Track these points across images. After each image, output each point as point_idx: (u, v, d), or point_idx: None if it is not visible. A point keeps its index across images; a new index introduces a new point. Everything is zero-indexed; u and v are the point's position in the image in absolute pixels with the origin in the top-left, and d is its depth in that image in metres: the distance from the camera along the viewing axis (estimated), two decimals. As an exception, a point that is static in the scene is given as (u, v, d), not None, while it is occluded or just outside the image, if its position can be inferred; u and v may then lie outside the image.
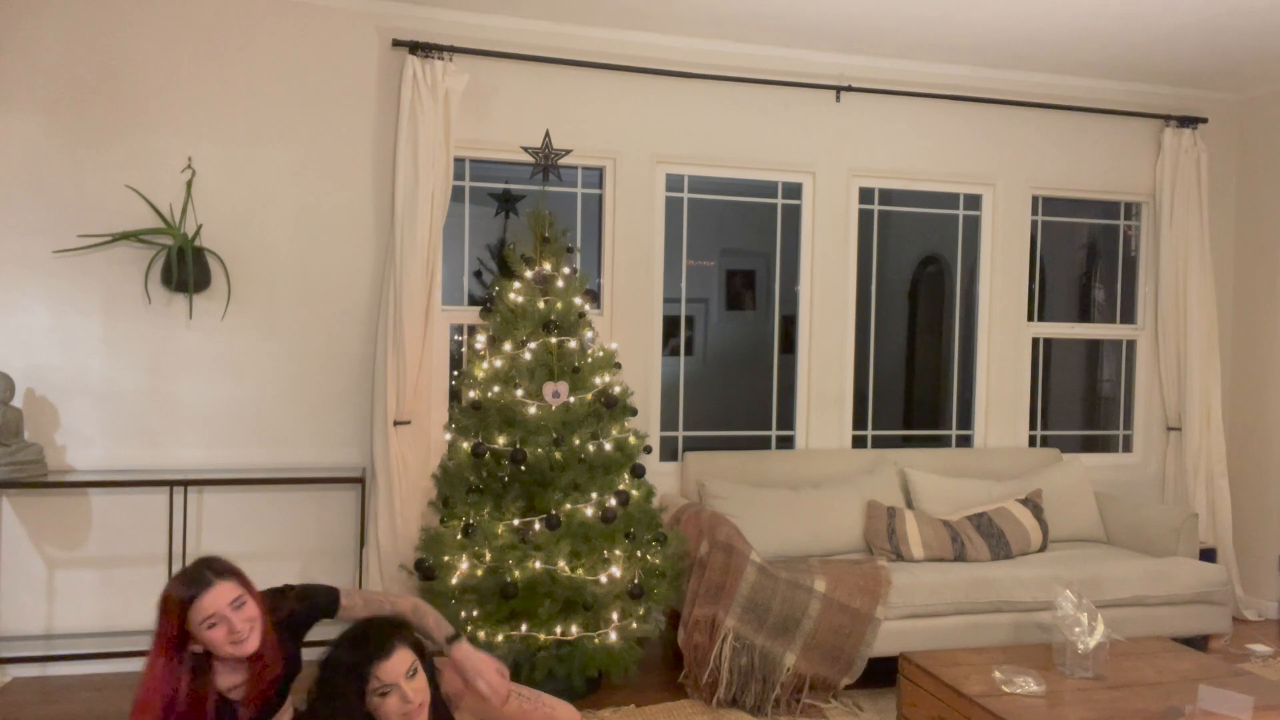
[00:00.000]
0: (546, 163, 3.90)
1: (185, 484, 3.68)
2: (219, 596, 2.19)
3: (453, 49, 4.08)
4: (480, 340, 3.80)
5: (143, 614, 3.92)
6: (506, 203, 4.50)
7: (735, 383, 6.50)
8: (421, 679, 2.17)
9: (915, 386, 6.59)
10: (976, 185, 4.96)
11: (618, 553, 3.47)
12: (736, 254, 6.62)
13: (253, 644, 2.22)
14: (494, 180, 4.49)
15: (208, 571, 2.23)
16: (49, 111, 3.81)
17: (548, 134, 3.95)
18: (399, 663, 2.12)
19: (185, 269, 3.82)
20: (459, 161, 4.33)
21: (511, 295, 3.70)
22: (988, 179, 4.93)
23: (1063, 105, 4.93)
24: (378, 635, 2.14)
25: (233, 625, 2.19)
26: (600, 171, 4.49)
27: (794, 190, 4.77)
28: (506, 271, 3.82)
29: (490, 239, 4.54)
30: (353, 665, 2.10)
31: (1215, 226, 5.23)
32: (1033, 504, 4.38)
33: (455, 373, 4.26)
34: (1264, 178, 5.11)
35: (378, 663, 2.10)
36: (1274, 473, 4.97)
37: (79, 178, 3.84)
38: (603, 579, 3.39)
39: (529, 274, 3.73)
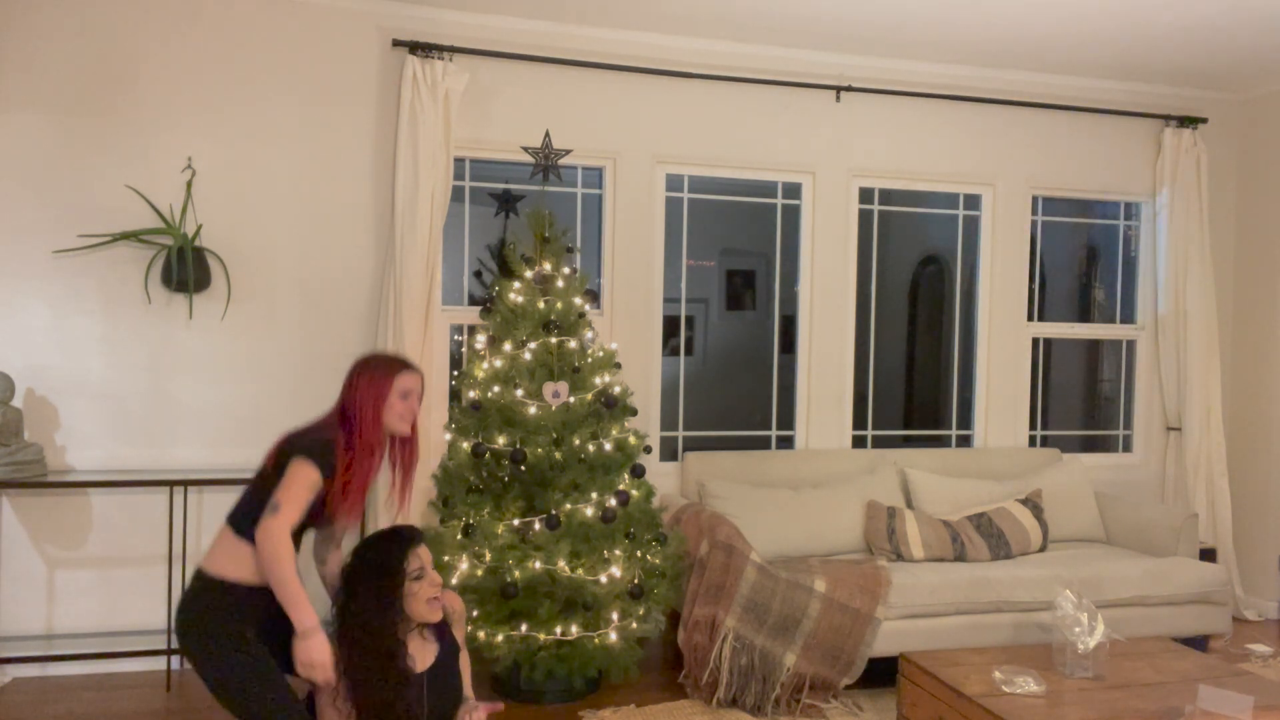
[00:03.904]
0: (546, 163, 3.90)
1: (185, 484, 3.68)
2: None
3: (453, 49, 4.08)
4: (480, 340, 3.80)
5: (143, 614, 3.93)
6: (506, 203, 4.50)
7: (735, 383, 6.50)
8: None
9: (915, 386, 6.59)
10: (976, 185, 4.96)
11: (618, 553, 3.47)
12: (736, 254, 6.62)
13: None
14: (494, 180, 4.49)
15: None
16: (49, 111, 3.81)
17: (548, 134, 3.95)
18: (426, 551, 2.53)
19: (185, 269, 3.82)
20: (459, 161, 4.33)
21: (511, 295, 3.70)
22: (988, 179, 4.93)
23: (1063, 105, 4.93)
24: (407, 531, 2.54)
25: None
26: (600, 171, 4.49)
27: (794, 190, 4.77)
28: (506, 271, 3.82)
29: (490, 239, 4.54)
30: (397, 552, 2.46)
31: (1215, 227, 5.23)
32: (1033, 504, 4.38)
33: (455, 373, 4.26)
34: (1264, 178, 5.11)
35: (415, 547, 2.50)
36: (1274, 473, 4.96)
37: (79, 178, 3.84)
38: (603, 579, 3.39)
39: (529, 274, 3.73)
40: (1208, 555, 4.53)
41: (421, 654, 2.57)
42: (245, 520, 2.36)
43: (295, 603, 2.26)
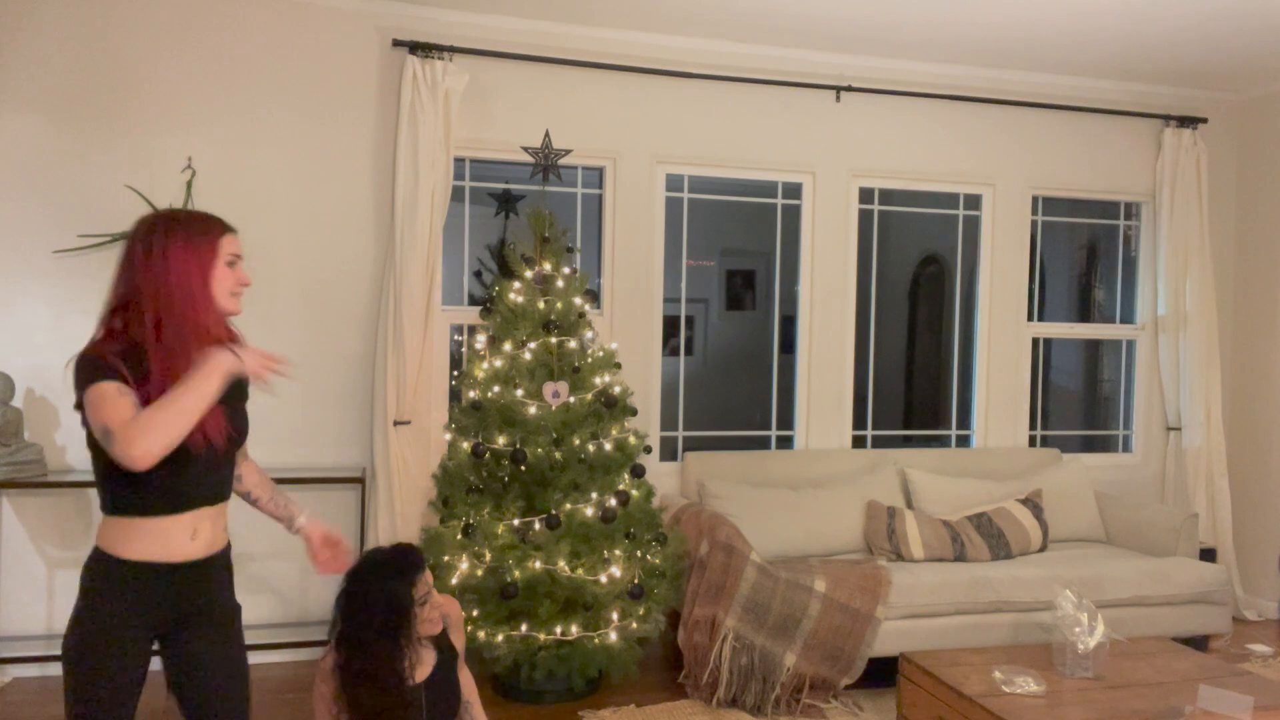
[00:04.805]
0: (546, 163, 3.90)
1: (185, 484, 3.67)
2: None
3: (453, 49, 4.08)
4: (480, 340, 3.80)
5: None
6: (506, 203, 4.50)
7: (735, 383, 6.51)
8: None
9: (915, 386, 6.60)
10: (976, 185, 4.96)
11: (618, 553, 3.47)
12: (736, 254, 6.63)
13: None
14: (494, 180, 4.49)
15: None
16: (49, 111, 3.81)
17: (548, 134, 3.95)
18: (428, 574, 2.53)
19: (185, 269, 3.81)
20: (459, 161, 4.33)
21: (511, 295, 3.70)
22: (988, 179, 4.93)
23: (1063, 105, 4.93)
24: (411, 557, 2.50)
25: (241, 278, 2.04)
26: (600, 171, 4.49)
27: (794, 190, 4.77)
28: (506, 271, 3.82)
29: (490, 239, 4.54)
30: (404, 587, 2.43)
31: (1215, 226, 5.23)
32: (1033, 504, 4.38)
33: (455, 373, 4.26)
34: (1264, 178, 5.11)
35: (421, 572, 2.48)
36: (1274, 473, 4.96)
37: (79, 178, 3.84)
38: (603, 579, 3.39)
39: (529, 274, 3.73)
40: (1208, 555, 4.53)
41: (420, 664, 2.57)
42: (103, 496, 2.03)
43: (187, 384, 1.85)
